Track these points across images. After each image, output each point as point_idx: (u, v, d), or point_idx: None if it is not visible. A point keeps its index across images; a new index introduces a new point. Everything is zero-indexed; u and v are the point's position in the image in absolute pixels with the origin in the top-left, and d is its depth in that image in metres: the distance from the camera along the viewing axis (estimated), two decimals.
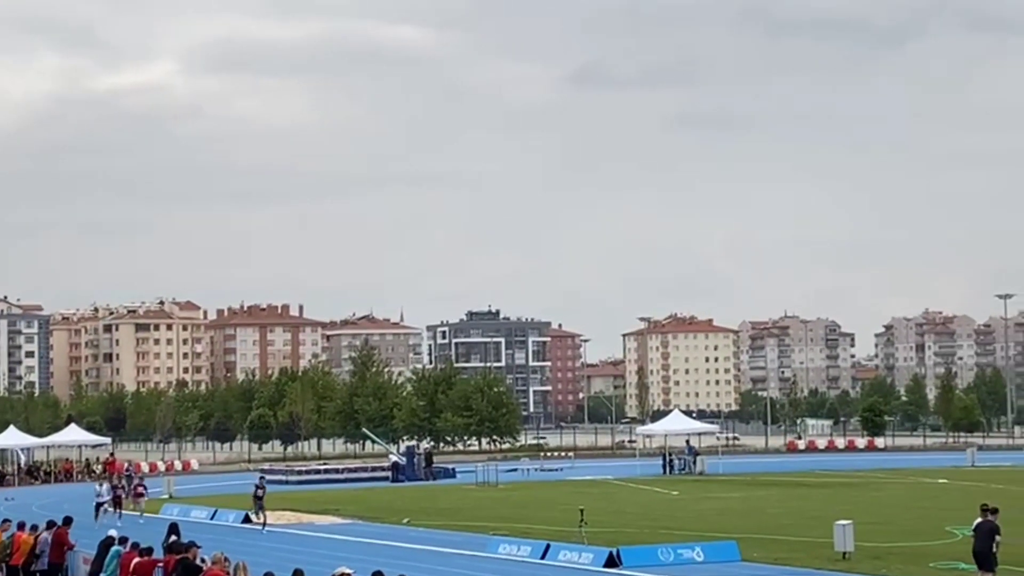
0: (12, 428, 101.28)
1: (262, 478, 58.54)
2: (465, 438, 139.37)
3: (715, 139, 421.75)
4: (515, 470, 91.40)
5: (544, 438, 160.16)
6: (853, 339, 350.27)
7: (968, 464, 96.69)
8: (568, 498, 63.88)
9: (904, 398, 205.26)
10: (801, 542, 45.34)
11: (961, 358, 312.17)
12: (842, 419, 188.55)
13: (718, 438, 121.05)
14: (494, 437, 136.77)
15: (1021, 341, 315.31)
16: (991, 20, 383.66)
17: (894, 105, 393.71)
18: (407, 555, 44.47)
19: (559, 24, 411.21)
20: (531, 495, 72.75)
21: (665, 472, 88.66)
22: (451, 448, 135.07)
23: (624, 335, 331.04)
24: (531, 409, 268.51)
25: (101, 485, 62.98)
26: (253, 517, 56.02)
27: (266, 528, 53.92)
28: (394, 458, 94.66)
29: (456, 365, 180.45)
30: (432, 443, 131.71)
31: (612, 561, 40.76)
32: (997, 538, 33.18)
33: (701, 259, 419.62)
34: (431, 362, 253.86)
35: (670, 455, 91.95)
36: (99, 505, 57.84)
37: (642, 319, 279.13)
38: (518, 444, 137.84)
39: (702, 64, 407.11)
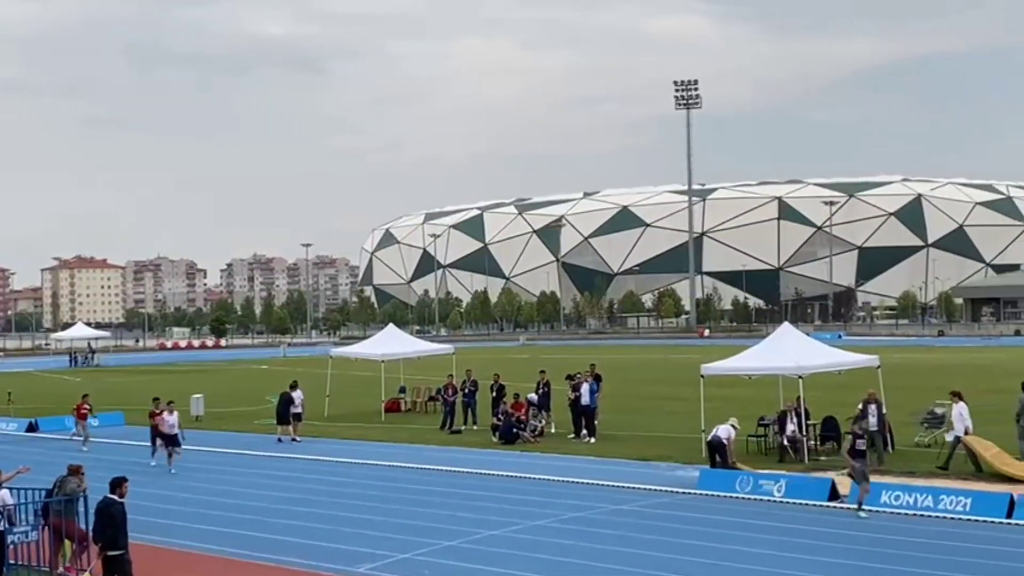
0: None
1: None
2: None
3: (112, 135, 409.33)
4: None
5: None
6: (206, 273, 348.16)
7: (282, 355, 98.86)
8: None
9: (240, 313, 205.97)
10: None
11: (279, 286, 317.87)
12: (197, 327, 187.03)
13: (110, 342, 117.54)
14: None
15: (316, 275, 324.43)
16: None
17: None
18: None
19: None
20: None
21: (71, 365, 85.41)
22: None
23: (43, 269, 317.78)
24: None
25: None
26: None
27: None
28: None
29: None
30: None
31: (32, 428, 39.37)
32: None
33: (103, 216, 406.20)
34: None
35: (75, 353, 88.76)
36: None
37: (55, 258, 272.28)
38: None
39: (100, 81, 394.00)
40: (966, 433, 25.31)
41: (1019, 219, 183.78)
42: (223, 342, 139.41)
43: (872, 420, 26.31)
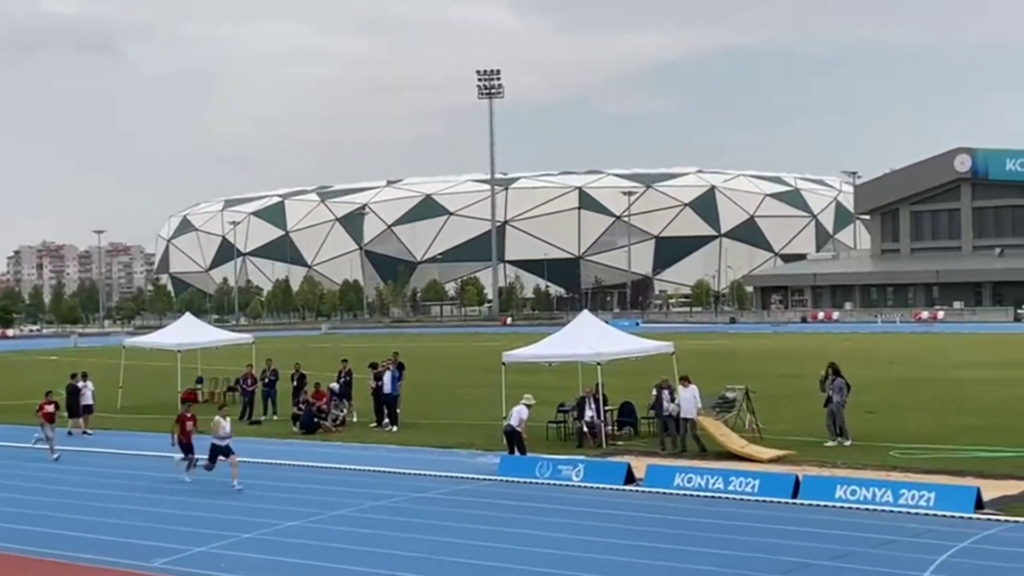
0: None
1: None
2: None
3: None
4: None
5: None
6: None
7: (73, 346, 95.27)
8: None
9: (28, 302, 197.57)
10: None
11: (70, 274, 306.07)
12: None
13: None
14: None
15: (109, 262, 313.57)
16: None
17: None
18: None
19: None
20: None
21: None
22: None
23: None
24: None
25: None
26: None
27: None
28: None
29: None
30: None
31: None
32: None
33: None
34: None
35: None
36: None
37: None
38: None
39: None
40: (698, 414, 26.64)
41: (806, 211, 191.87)
42: (10, 332, 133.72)
43: (667, 405, 27.14)
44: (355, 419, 34.26)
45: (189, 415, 25.54)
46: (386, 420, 32.82)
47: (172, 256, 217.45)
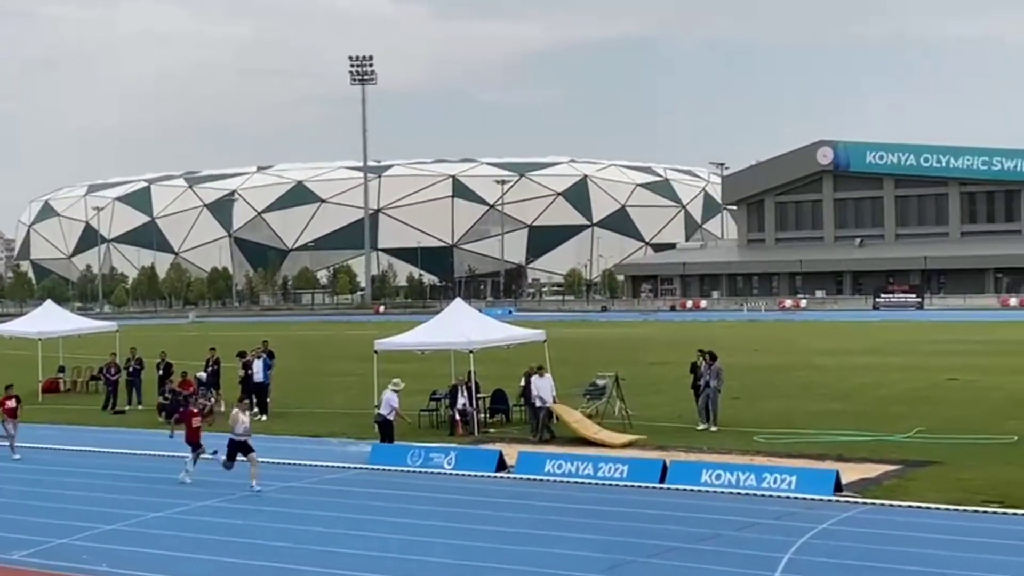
0: None
1: None
2: None
3: None
4: None
5: None
6: None
7: None
8: None
9: None
10: None
11: None
12: None
13: None
14: None
15: None
16: None
17: None
18: None
19: None
20: None
21: None
22: None
23: None
24: None
25: None
26: None
27: None
28: None
29: None
30: None
31: None
32: None
33: None
34: None
35: None
36: None
37: None
38: None
39: None
40: (554, 402, 27.13)
41: (675, 201, 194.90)
42: None
43: (535, 393, 27.44)
44: (223, 409, 33.73)
45: (196, 410, 22.97)
46: (255, 409, 32.42)
47: (33, 242, 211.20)
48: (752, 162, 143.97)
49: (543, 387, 27.13)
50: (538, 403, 27.03)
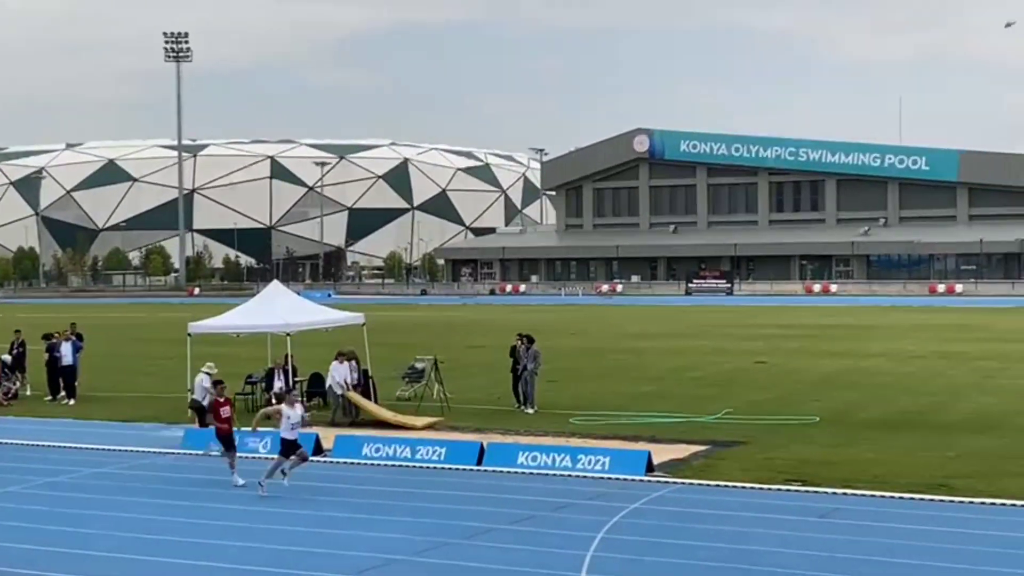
0: None
1: None
2: None
3: None
4: None
5: None
6: None
7: None
8: None
9: None
10: None
11: None
12: None
13: None
14: None
15: None
16: None
17: None
18: None
19: None
20: None
21: None
22: None
23: None
24: None
25: None
26: None
27: None
28: None
29: None
30: None
31: None
32: None
33: None
34: None
35: None
36: None
37: None
38: None
39: None
40: (349, 390, 27.13)
41: (495, 185, 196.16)
42: None
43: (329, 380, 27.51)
44: (28, 392, 32.63)
45: (222, 399, 20.37)
46: (62, 393, 31.36)
47: None
48: (571, 148, 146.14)
49: (341, 372, 27.07)
50: (338, 389, 26.95)
